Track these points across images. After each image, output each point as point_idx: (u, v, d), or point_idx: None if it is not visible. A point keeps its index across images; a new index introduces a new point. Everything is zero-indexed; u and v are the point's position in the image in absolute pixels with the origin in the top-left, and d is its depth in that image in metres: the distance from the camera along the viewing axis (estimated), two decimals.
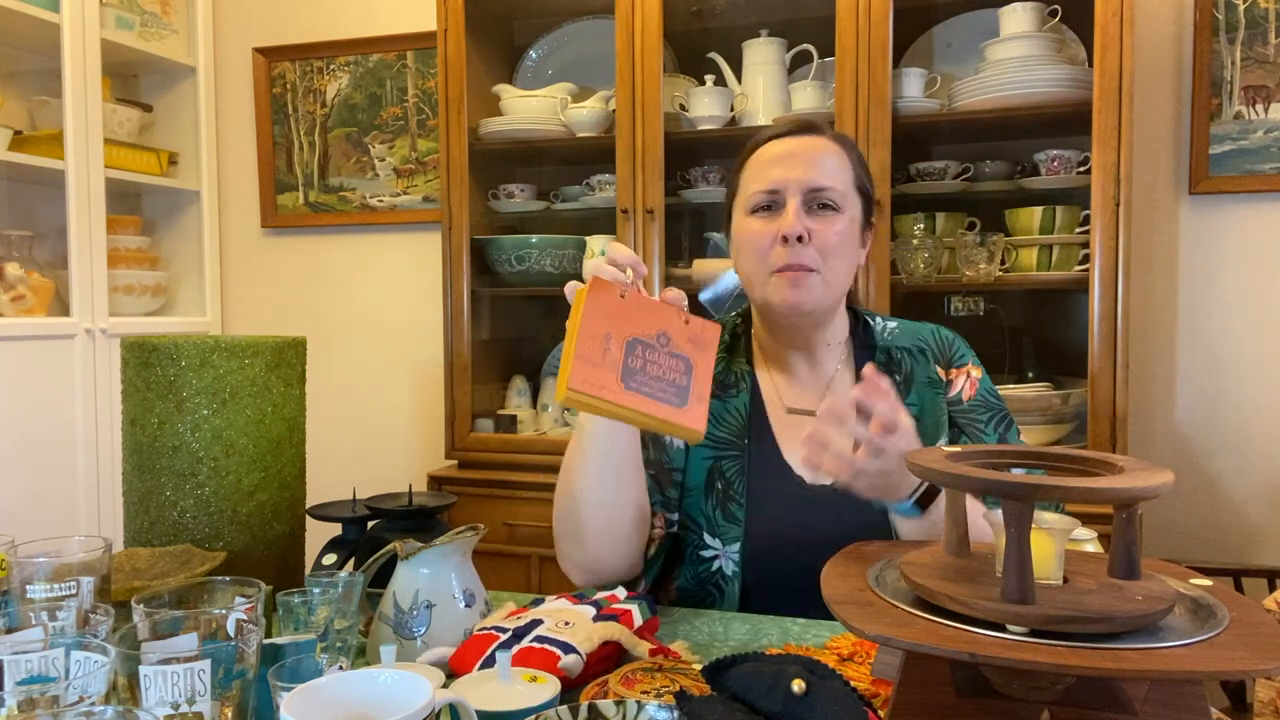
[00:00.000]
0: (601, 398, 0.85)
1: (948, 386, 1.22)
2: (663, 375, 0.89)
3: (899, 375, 1.22)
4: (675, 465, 1.21)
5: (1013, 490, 0.63)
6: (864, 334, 1.26)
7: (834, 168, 1.17)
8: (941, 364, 1.23)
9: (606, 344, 0.86)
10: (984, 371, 1.25)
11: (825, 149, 1.18)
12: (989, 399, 1.22)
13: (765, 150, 1.20)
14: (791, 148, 1.18)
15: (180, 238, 2.88)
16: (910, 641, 0.61)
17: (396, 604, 0.95)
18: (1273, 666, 0.56)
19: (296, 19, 2.86)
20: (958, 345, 1.26)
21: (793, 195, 1.15)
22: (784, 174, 1.15)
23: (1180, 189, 2.19)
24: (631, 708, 0.67)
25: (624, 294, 0.89)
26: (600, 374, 0.85)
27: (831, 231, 1.14)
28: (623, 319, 0.88)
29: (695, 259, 2.27)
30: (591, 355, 0.85)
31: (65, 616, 0.77)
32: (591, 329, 0.86)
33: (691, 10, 2.36)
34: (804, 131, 1.20)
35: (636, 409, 0.86)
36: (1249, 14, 2.11)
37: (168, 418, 1.09)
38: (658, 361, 0.89)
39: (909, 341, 1.25)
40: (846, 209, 1.17)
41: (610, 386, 0.85)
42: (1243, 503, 2.18)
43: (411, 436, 2.81)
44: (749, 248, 1.17)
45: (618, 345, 0.87)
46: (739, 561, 1.17)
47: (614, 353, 0.87)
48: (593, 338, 0.86)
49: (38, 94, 2.53)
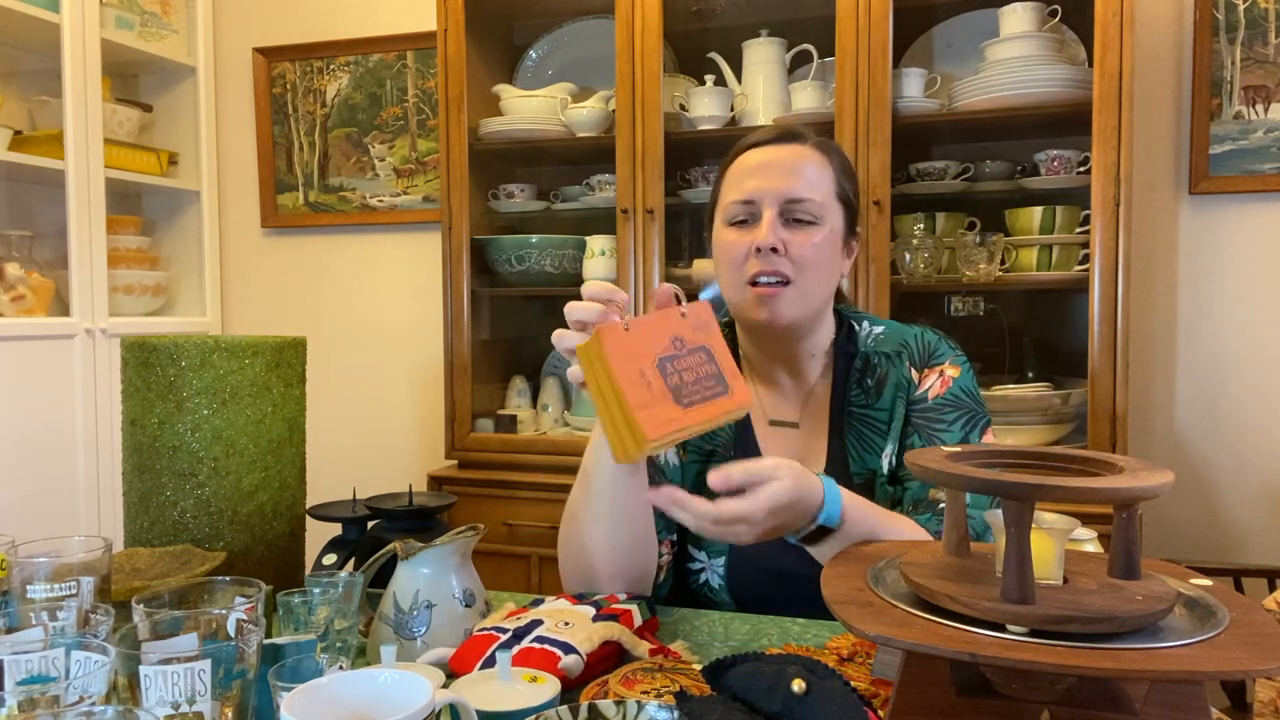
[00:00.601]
0: (675, 430, 0.88)
1: (913, 387, 1.18)
2: (699, 375, 0.92)
3: (871, 380, 1.18)
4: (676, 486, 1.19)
5: (1013, 490, 0.63)
6: (846, 341, 1.22)
7: (814, 178, 1.14)
8: (917, 366, 1.19)
9: (646, 380, 0.89)
10: (966, 371, 1.19)
11: (805, 158, 1.15)
12: (960, 398, 1.17)
13: (744, 159, 1.17)
14: (769, 157, 1.15)
15: (180, 238, 2.88)
16: (910, 641, 0.61)
17: (396, 604, 0.95)
18: (1273, 666, 0.56)
19: (296, 19, 2.86)
20: (940, 346, 1.21)
21: (769, 206, 1.12)
22: (760, 185, 1.13)
23: (1180, 189, 2.20)
24: (631, 708, 0.67)
25: (627, 327, 0.90)
26: (661, 410, 0.88)
27: (808, 244, 1.11)
28: (640, 349, 0.90)
29: (695, 259, 2.28)
30: (643, 399, 0.88)
31: (65, 616, 0.77)
32: (628, 375, 0.88)
33: (691, 10, 2.36)
34: (783, 140, 1.17)
35: (704, 419, 0.90)
36: (1249, 14, 2.11)
37: (168, 418, 1.09)
38: (687, 367, 0.92)
39: (891, 346, 1.20)
40: (826, 220, 1.13)
41: (675, 416, 0.89)
42: (1242, 502, 2.18)
43: (411, 436, 2.81)
44: (725, 259, 1.15)
45: (653, 374, 0.89)
46: (724, 575, 1.17)
47: (655, 383, 0.89)
48: (634, 383, 0.88)
49: (38, 94, 2.53)
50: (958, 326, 2.27)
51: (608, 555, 1.07)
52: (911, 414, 1.16)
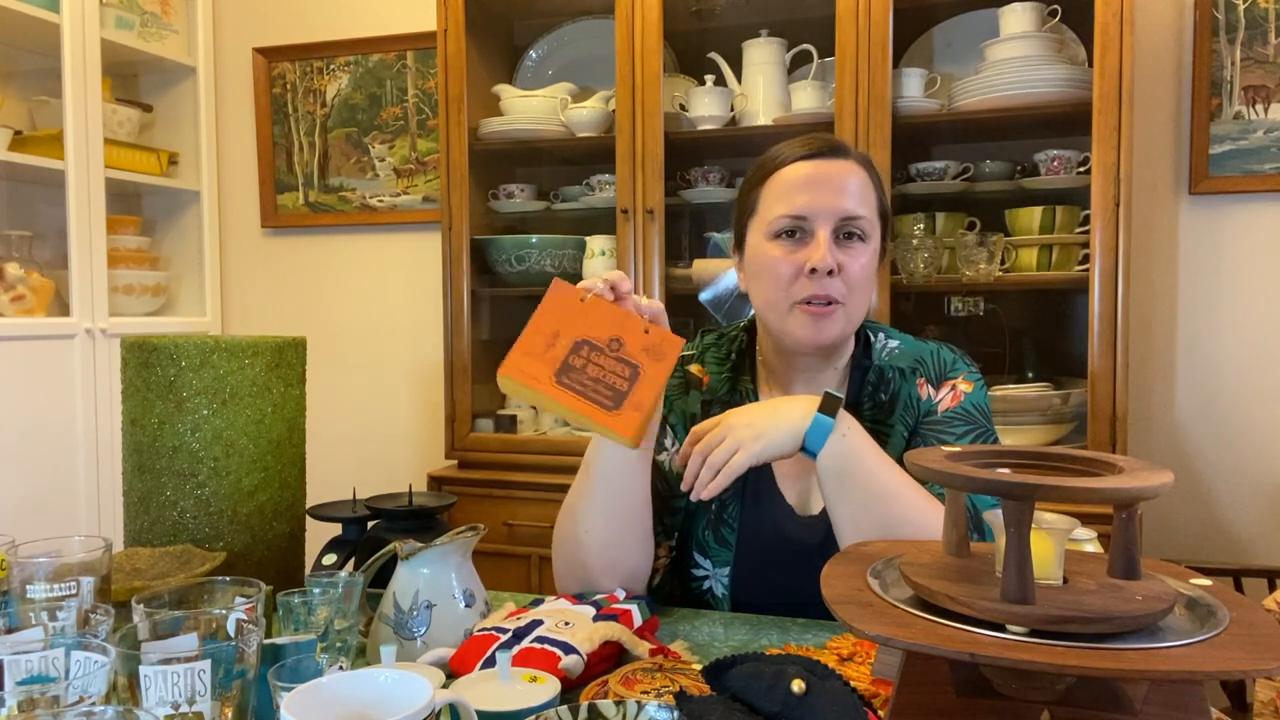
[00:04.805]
0: (529, 386, 0.92)
1: (923, 404, 1.17)
2: (602, 378, 0.93)
3: (885, 395, 1.18)
4: (678, 491, 1.18)
5: (1013, 490, 0.63)
6: (863, 354, 1.21)
7: (861, 194, 1.11)
8: (931, 382, 1.18)
9: (553, 340, 0.93)
10: (979, 388, 1.18)
11: (852, 173, 1.12)
12: (971, 412, 1.16)
13: (790, 171, 1.13)
14: (819, 171, 1.11)
15: (180, 238, 2.88)
16: (910, 641, 0.61)
17: (396, 604, 0.95)
18: (1273, 666, 0.56)
19: (296, 19, 2.86)
20: (956, 364, 1.19)
21: (822, 224, 1.09)
22: (812, 200, 1.09)
23: (1180, 189, 2.20)
24: (631, 708, 0.67)
25: (584, 298, 0.94)
26: (535, 365, 0.92)
27: (858, 264, 1.10)
28: (578, 320, 0.94)
29: (695, 259, 2.27)
30: (533, 348, 0.92)
31: (65, 616, 0.77)
32: (540, 325, 0.93)
33: (691, 10, 2.36)
34: (831, 154, 1.13)
35: (561, 403, 0.92)
36: (1249, 14, 2.11)
37: (168, 418, 1.09)
38: (601, 364, 0.93)
39: (906, 361, 1.19)
40: (872, 238, 1.12)
41: (541, 379, 0.92)
42: (1242, 502, 2.18)
43: (411, 436, 2.81)
44: (769, 275, 1.12)
45: (565, 343, 0.93)
46: (727, 585, 1.17)
47: (557, 349, 0.93)
48: (539, 332, 0.93)
49: (38, 94, 2.53)
50: (957, 326, 2.27)
51: (601, 548, 1.08)
52: (920, 426, 1.16)
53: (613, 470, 1.06)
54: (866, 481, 1.01)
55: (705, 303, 2.25)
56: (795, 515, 1.16)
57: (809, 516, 1.15)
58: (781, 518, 1.16)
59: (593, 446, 1.08)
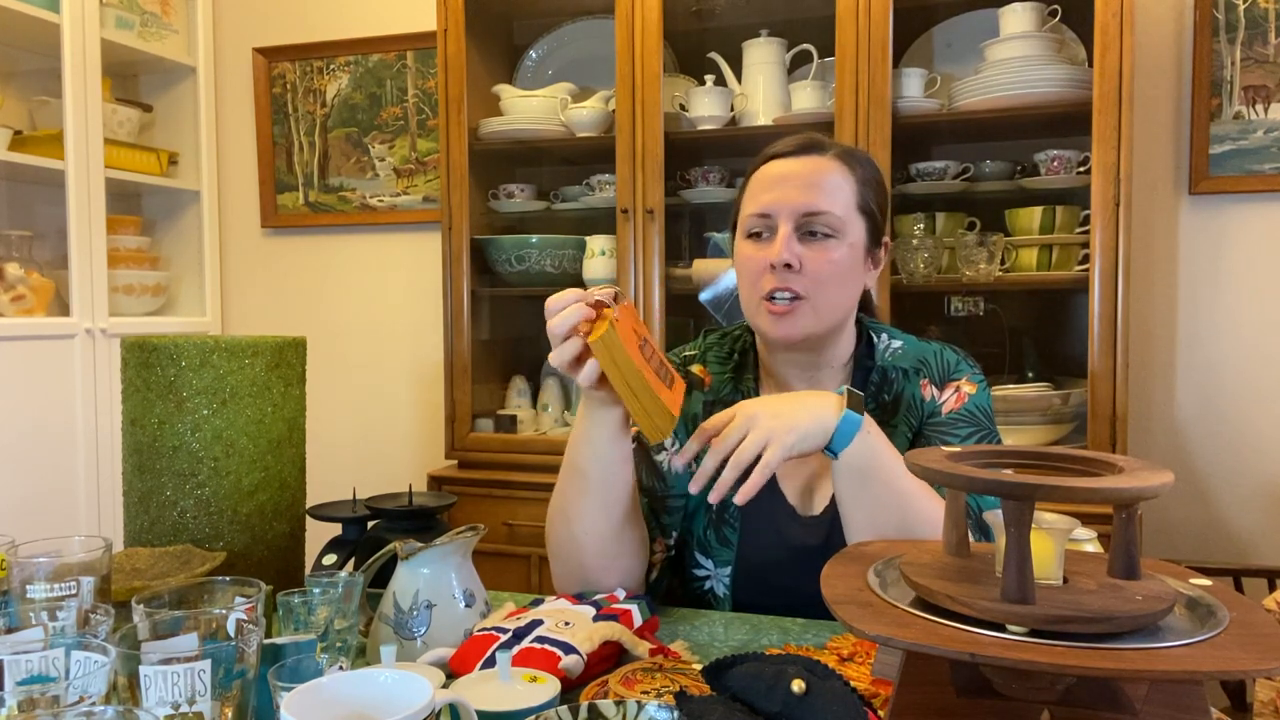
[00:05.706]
0: (625, 346, 0.92)
1: (926, 405, 1.16)
2: (660, 362, 0.99)
3: (888, 395, 1.17)
4: (676, 490, 1.19)
5: (1013, 490, 0.63)
6: (866, 354, 1.21)
7: (833, 190, 1.10)
8: (935, 383, 1.18)
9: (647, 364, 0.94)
10: (983, 390, 1.18)
11: (824, 170, 1.12)
12: (975, 414, 1.15)
13: (764, 171, 1.15)
14: (788, 169, 1.12)
15: (180, 238, 2.88)
16: (910, 641, 0.61)
17: (396, 604, 0.95)
18: (1273, 666, 0.56)
19: (296, 19, 2.86)
20: (960, 365, 1.19)
21: (784, 221, 1.10)
22: (777, 198, 1.10)
23: (1180, 189, 2.20)
24: (631, 708, 0.67)
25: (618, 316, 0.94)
26: (662, 389, 0.96)
27: (825, 260, 1.09)
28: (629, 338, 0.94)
29: (695, 259, 2.27)
30: (656, 381, 0.94)
31: (65, 616, 0.77)
32: (640, 360, 0.93)
33: (691, 10, 2.36)
34: (805, 151, 1.14)
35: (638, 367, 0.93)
36: (1249, 14, 2.11)
37: (168, 418, 1.09)
38: (651, 354, 0.97)
39: (909, 362, 1.19)
40: (845, 234, 1.11)
41: (669, 395, 0.96)
42: (1242, 502, 2.18)
43: (411, 436, 2.81)
44: (742, 273, 1.14)
45: (641, 360, 0.94)
46: (729, 585, 1.17)
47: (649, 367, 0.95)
48: (645, 367, 0.93)
49: (38, 94, 2.53)
50: (957, 326, 2.27)
51: (599, 546, 1.08)
52: (924, 427, 1.16)
53: (606, 468, 1.05)
54: (887, 480, 1.00)
55: (705, 303, 2.25)
56: (797, 515, 1.15)
57: (810, 516, 1.15)
58: (783, 518, 1.16)
59: (575, 448, 1.07)
